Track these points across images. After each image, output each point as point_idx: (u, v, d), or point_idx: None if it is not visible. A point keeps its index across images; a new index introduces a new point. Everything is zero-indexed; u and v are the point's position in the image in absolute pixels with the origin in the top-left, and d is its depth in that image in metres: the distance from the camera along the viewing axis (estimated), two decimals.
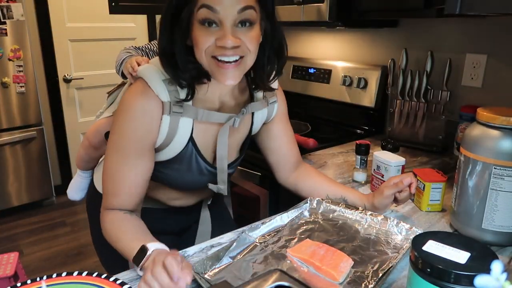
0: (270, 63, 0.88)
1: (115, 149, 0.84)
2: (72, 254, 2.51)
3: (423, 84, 1.45)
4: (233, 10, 0.74)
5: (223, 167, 0.93)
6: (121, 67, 1.12)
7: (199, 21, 0.75)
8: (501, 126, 0.80)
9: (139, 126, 0.81)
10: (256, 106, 0.94)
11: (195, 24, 0.76)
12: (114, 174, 0.84)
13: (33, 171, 2.95)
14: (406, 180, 0.92)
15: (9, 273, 1.56)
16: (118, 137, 0.83)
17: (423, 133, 1.50)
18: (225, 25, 0.75)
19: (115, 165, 0.84)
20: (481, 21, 1.40)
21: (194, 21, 0.76)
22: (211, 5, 0.74)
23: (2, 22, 2.60)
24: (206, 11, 0.74)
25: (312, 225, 0.91)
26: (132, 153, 0.82)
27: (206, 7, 0.74)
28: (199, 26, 0.76)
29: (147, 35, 3.37)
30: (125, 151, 0.83)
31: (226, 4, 0.74)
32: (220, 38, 0.75)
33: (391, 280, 0.75)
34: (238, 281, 0.71)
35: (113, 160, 0.84)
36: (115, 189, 0.84)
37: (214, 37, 0.75)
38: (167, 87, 0.81)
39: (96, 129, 1.15)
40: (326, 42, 1.97)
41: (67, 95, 3.15)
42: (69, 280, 0.67)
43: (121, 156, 0.83)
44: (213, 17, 0.74)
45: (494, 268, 0.37)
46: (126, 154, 0.83)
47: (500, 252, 0.84)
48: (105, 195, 0.86)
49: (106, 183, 0.86)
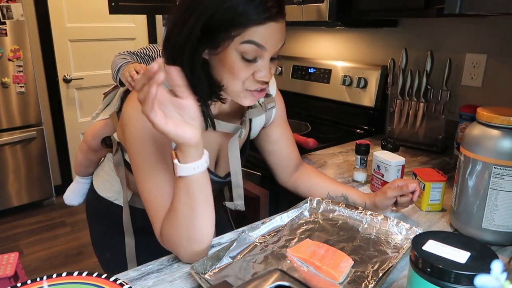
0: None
1: (143, 171, 0.77)
2: (72, 254, 2.51)
3: (423, 84, 1.44)
4: (277, 46, 0.74)
5: (238, 182, 0.93)
6: (118, 74, 1.09)
7: (239, 52, 0.72)
8: (501, 126, 0.79)
9: (155, 135, 0.76)
10: (254, 113, 0.93)
11: (232, 53, 0.72)
12: (155, 194, 0.77)
13: (33, 171, 2.95)
14: (411, 185, 0.90)
15: (9, 273, 1.56)
16: (138, 156, 0.78)
17: (423, 133, 1.50)
18: (266, 61, 0.74)
19: (150, 184, 0.77)
20: (481, 21, 1.40)
21: (231, 49, 0.72)
22: (260, 43, 0.71)
23: (2, 22, 2.60)
24: (253, 47, 0.71)
25: (312, 225, 0.91)
26: (160, 166, 0.77)
27: (254, 44, 0.71)
28: (237, 56, 0.72)
29: (147, 35, 3.37)
30: (152, 167, 0.77)
31: (274, 40, 0.72)
32: (261, 73, 0.74)
33: (391, 280, 0.75)
34: (238, 281, 0.71)
35: (145, 182, 0.77)
36: (160, 209, 0.77)
37: (252, 69, 0.74)
38: None
39: (94, 132, 1.13)
40: (326, 42, 1.97)
41: (67, 95, 3.15)
42: (69, 280, 0.67)
43: (151, 173, 0.77)
44: (258, 53, 0.72)
45: (494, 268, 0.37)
46: (155, 170, 0.77)
47: (500, 252, 0.84)
48: (155, 223, 0.78)
49: (149, 211, 0.78)
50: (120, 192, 1.01)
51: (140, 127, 0.77)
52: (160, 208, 0.77)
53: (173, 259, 0.80)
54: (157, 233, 0.78)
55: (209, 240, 0.77)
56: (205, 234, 0.75)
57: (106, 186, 1.05)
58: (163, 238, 0.77)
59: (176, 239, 0.74)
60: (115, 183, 1.02)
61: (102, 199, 1.05)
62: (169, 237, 0.75)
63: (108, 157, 1.06)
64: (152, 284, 0.73)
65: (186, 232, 0.73)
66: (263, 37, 0.70)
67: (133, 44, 3.30)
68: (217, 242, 0.87)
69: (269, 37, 0.71)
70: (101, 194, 1.06)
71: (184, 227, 0.73)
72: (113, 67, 1.13)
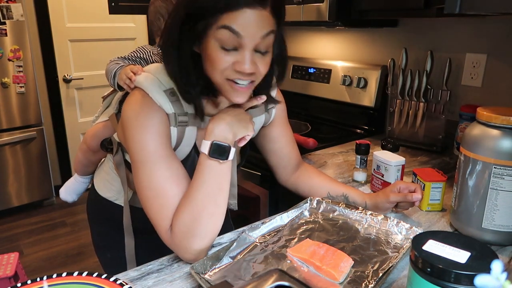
0: (270, 74, 0.85)
1: (143, 170, 0.77)
2: (72, 254, 2.51)
3: (423, 83, 1.44)
4: (256, 36, 0.70)
5: (233, 181, 0.93)
6: (115, 79, 1.09)
7: (217, 40, 0.70)
8: (501, 126, 0.79)
9: (154, 132, 0.77)
10: (254, 113, 0.93)
11: (211, 41, 0.71)
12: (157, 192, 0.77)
13: (33, 171, 2.95)
14: (416, 196, 0.90)
15: (9, 273, 1.57)
16: (139, 155, 0.77)
17: (423, 133, 1.50)
18: (245, 50, 0.71)
19: (153, 182, 0.77)
20: (481, 20, 1.40)
21: (210, 37, 0.71)
22: (235, 29, 0.68)
23: (2, 22, 2.60)
24: (228, 33, 0.69)
25: (312, 225, 0.91)
26: (162, 164, 0.77)
27: (228, 29, 0.68)
28: (216, 45, 0.71)
29: (146, 35, 3.37)
30: (153, 166, 0.76)
31: (250, 29, 0.69)
32: (239, 63, 0.71)
33: (391, 279, 0.75)
34: (238, 281, 0.71)
35: (146, 180, 0.77)
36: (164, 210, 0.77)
37: (232, 59, 0.72)
38: (169, 98, 0.79)
39: (94, 133, 1.13)
40: (326, 42, 1.97)
41: (67, 95, 3.15)
42: (69, 281, 0.67)
43: (152, 172, 0.77)
44: (235, 42, 0.70)
45: (494, 268, 0.37)
46: (156, 167, 0.76)
47: (500, 252, 0.84)
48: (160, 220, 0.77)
49: (151, 210, 0.78)
50: (120, 192, 1.01)
51: (140, 126, 0.77)
52: (165, 205, 0.77)
53: (173, 259, 0.80)
54: (163, 230, 0.77)
55: (216, 234, 0.80)
56: (219, 225, 0.79)
57: (107, 186, 1.05)
58: (175, 235, 0.75)
59: (195, 231, 0.75)
60: (115, 183, 1.02)
61: (102, 199, 1.06)
62: (187, 230, 0.74)
63: (109, 157, 1.06)
64: (152, 284, 0.73)
65: (208, 220, 0.76)
66: (239, 23, 0.68)
67: (133, 44, 3.30)
68: (217, 242, 0.87)
69: (246, 24, 0.69)
70: (102, 194, 1.06)
71: (210, 214, 0.76)
72: (108, 74, 1.13)
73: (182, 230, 0.75)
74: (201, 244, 0.76)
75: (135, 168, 0.79)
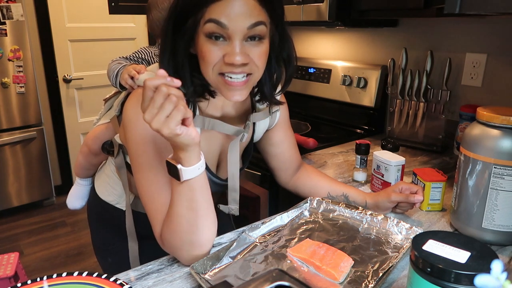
0: (277, 75, 0.85)
1: (143, 172, 0.77)
2: (72, 254, 2.51)
3: (423, 83, 1.44)
4: (242, 26, 0.70)
5: (234, 186, 0.91)
6: (117, 78, 1.09)
7: (205, 34, 0.71)
8: (501, 126, 0.79)
9: (156, 137, 0.75)
10: (258, 116, 0.92)
11: (201, 36, 0.72)
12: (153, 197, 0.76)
13: (33, 171, 2.95)
14: (417, 197, 0.91)
15: (9, 273, 1.56)
16: (139, 157, 0.77)
17: (423, 133, 1.50)
18: (234, 41, 0.70)
19: (150, 186, 0.76)
20: (481, 21, 1.40)
21: (200, 33, 0.72)
22: (219, 20, 0.69)
23: (2, 22, 2.60)
24: (213, 26, 0.69)
25: (312, 225, 0.91)
26: (161, 169, 0.75)
27: (213, 22, 0.69)
28: (205, 39, 0.72)
29: (146, 35, 3.37)
30: (152, 169, 0.76)
31: (235, 19, 0.69)
32: (229, 55, 0.71)
33: (391, 279, 0.75)
34: (238, 281, 0.71)
35: (145, 183, 0.77)
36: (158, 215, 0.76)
37: (222, 52, 0.71)
38: None
39: (95, 136, 1.12)
40: (326, 42, 1.97)
41: (67, 95, 3.15)
42: (69, 281, 0.67)
43: (150, 175, 0.76)
44: (221, 32, 0.70)
45: (494, 268, 0.37)
46: (155, 171, 0.76)
47: (500, 252, 0.84)
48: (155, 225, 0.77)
49: (148, 213, 0.78)
50: (122, 196, 1.01)
51: (141, 128, 0.76)
52: (159, 210, 0.76)
53: (173, 259, 0.80)
54: (156, 235, 0.77)
55: (210, 243, 0.77)
56: (207, 238, 0.75)
57: (108, 189, 1.04)
58: (164, 242, 0.76)
59: (177, 244, 0.74)
60: (116, 186, 1.02)
61: (103, 203, 1.05)
62: (171, 242, 0.74)
63: (110, 160, 1.05)
64: (152, 284, 0.73)
65: (188, 237, 0.73)
66: (222, 14, 0.69)
67: (133, 44, 3.30)
68: (217, 242, 0.87)
69: (230, 13, 0.68)
70: (103, 198, 1.05)
71: (186, 231, 0.72)
72: (110, 73, 1.12)
73: (166, 244, 0.76)
74: (190, 254, 0.75)
75: (135, 170, 0.79)
